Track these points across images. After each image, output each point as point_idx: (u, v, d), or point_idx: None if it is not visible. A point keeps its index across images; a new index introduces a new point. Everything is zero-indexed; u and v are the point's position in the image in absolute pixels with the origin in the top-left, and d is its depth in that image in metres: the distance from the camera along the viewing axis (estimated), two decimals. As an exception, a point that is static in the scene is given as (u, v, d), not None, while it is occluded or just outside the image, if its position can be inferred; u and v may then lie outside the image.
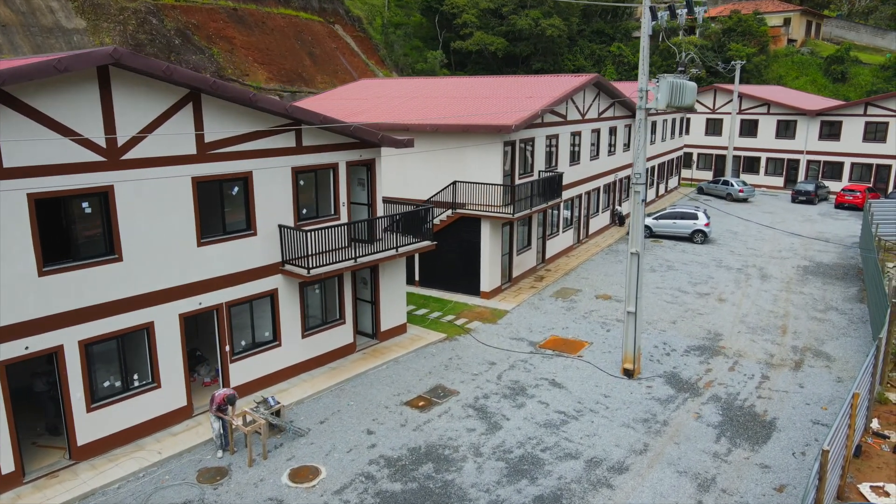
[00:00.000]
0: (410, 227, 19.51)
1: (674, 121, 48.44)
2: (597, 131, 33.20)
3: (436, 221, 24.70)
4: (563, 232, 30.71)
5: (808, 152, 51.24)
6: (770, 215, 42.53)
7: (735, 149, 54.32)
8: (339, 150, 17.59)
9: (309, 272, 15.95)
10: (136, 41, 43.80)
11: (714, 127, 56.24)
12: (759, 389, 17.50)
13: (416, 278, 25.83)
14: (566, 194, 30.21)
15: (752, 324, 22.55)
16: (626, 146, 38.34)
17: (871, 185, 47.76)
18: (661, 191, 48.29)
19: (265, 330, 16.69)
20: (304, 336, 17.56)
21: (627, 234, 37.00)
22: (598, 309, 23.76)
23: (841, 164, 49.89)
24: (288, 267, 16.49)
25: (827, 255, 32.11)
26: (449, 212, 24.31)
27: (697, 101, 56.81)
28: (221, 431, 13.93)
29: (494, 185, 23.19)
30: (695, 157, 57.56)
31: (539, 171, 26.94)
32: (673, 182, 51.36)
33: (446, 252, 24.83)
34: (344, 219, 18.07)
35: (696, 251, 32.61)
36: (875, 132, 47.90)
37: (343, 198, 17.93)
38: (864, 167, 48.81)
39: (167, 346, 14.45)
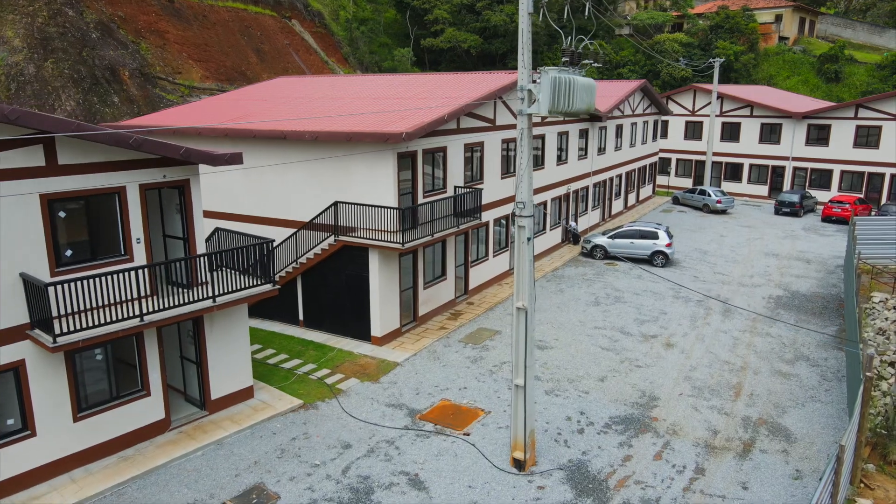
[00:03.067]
0: (255, 264, 15.10)
1: (645, 123, 43.97)
2: (540, 137, 28.74)
3: (317, 250, 20.25)
4: (495, 256, 26.22)
5: (794, 158, 46.73)
6: (748, 230, 38.05)
7: (716, 154, 49.85)
8: (127, 168, 13.14)
9: (55, 341, 11.51)
10: (44, 34, 39.35)
11: (694, 130, 51.76)
12: (687, 492, 13.03)
13: (301, 318, 21.37)
14: (496, 212, 25.74)
15: (699, 381, 18.08)
16: (583, 153, 33.86)
17: (862, 196, 43.26)
18: (632, 201, 43.83)
19: (6, 416, 12.25)
20: (77, 419, 13.10)
21: (581, 253, 32.67)
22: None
23: (830, 172, 45.37)
24: (37, 332, 12.05)
25: (805, 282, 27.63)
26: (332, 239, 19.86)
27: (676, 103, 52.30)
28: None
29: (382, 207, 18.71)
30: (673, 163, 53.08)
31: (455, 187, 22.50)
32: (646, 191, 46.90)
33: (332, 287, 20.40)
34: (140, 260, 13.62)
35: (653, 277, 28.14)
36: (867, 137, 43.39)
37: (137, 232, 13.49)
38: (856, 175, 44.30)
39: None
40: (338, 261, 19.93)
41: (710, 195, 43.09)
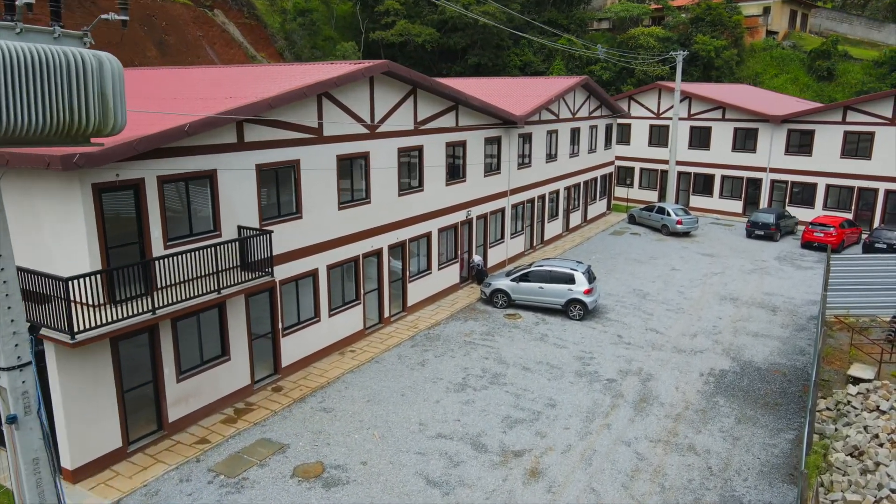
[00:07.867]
0: None
1: (593, 128, 36.88)
2: (415, 150, 21.70)
3: (-19, 333, 13.23)
4: (333, 315, 19.17)
5: (773, 170, 39.60)
6: (709, 260, 30.99)
7: (683, 164, 42.77)
8: None
9: None
10: None
11: (659, 135, 44.67)
12: None
13: (-13, 426, 14.36)
14: (332, 255, 18.71)
15: (551, 563, 11.06)
16: (493, 167, 26.84)
17: (850, 217, 36.13)
18: (577, 221, 36.79)
19: None
20: None
21: (480, 299, 23.82)
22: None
23: (814, 186, 38.23)
24: None
25: (764, 345, 20.57)
26: (-4, 317, 12.85)
27: (639, 104, 45.15)
28: None
29: (36, 273, 11.70)
30: (636, 173, 45.99)
31: (241, 229, 15.51)
32: (598, 208, 39.78)
33: (17, 386, 13.40)
34: None
35: (562, 337, 21.07)
36: (857, 145, 36.25)
37: None
38: (844, 190, 37.15)
39: None
40: (13, 349, 12.93)
41: (669, 214, 36.01)
